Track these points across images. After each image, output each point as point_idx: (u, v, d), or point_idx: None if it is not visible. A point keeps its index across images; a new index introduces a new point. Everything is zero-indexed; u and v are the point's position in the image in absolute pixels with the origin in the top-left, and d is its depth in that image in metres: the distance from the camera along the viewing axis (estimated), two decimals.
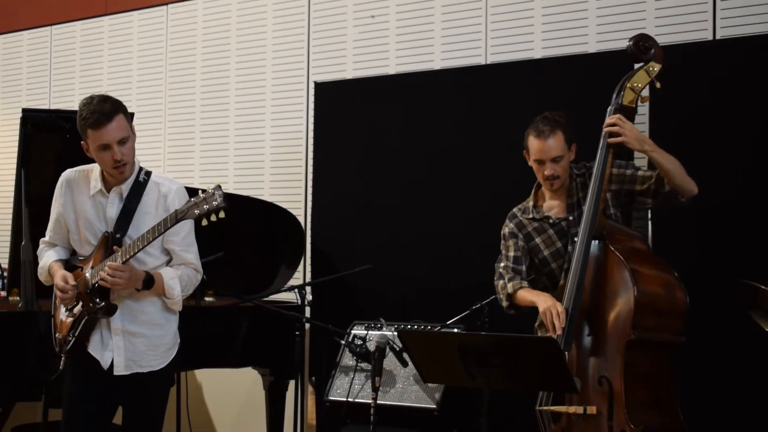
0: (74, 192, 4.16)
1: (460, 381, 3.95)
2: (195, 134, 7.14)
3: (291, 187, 6.60)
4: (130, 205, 4.07)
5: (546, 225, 4.40)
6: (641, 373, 3.92)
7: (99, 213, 4.09)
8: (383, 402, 4.84)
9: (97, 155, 4.01)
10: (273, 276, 6.03)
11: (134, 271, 3.95)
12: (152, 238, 3.85)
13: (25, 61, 8.17)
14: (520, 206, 4.54)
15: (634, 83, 4.21)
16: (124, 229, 4.03)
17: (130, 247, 3.89)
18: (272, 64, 6.80)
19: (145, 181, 4.12)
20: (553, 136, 4.27)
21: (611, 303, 4.00)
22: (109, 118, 3.94)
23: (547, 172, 4.30)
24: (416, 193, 5.73)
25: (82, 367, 4.08)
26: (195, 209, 3.74)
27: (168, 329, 4.16)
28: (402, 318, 5.37)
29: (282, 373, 5.73)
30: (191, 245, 4.19)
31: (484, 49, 5.88)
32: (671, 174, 4.11)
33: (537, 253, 4.41)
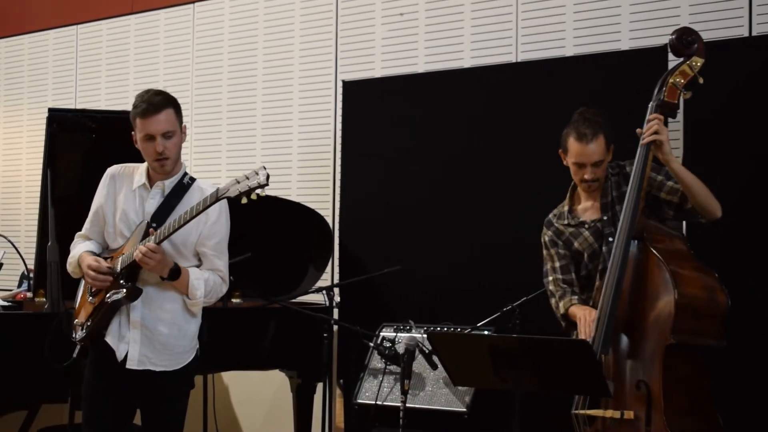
0: (117, 186, 4.19)
1: (490, 384, 3.93)
2: (222, 134, 7.15)
3: (319, 188, 6.59)
4: (171, 202, 4.10)
5: (581, 229, 4.36)
6: (680, 378, 3.86)
7: (138, 207, 4.13)
8: (412, 405, 4.82)
9: (142, 146, 4.07)
10: (301, 277, 6.02)
11: (165, 257, 3.96)
12: (189, 217, 3.87)
13: (51, 60, 8.21)
14: (555, 212, 4.50)
15: (676, 78, 4.13)
16: (160, 222, 4.04)
17: (165, 228, 3.92)
18: (300, 63, 6.80)
19: (189, 184, 4.16)
20: (595, 141, 4.22)
21: (650, 305, 3.94)
22: (158, 109, 4.02)
23: (587, 176, 4.25)
24: (446, 193, 5.72)
25: (100, 362, 4.10)
26: (237, 186, 3.77)
27: (186, 331, 4.16)
28: (431, 320, 5.35)
29: (310, 375, 5.72)
30: (223, 253, 4.20)
31: (514, 46, 5.85)
32: (693, 191, 4.07)
33: (579, 258, 4.37)
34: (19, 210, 8.27)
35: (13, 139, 8.40)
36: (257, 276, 5.49)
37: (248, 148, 7.00)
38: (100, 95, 7.84)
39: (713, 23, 5.18)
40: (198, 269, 4.13)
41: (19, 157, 8.34)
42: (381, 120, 6.02)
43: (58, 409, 5.80)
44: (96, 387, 4.12)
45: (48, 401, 5.21)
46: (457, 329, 5.06)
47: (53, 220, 5.25)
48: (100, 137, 5.48)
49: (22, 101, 8.36)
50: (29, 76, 8.35)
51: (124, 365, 4.04)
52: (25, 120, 8.31)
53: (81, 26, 8.04)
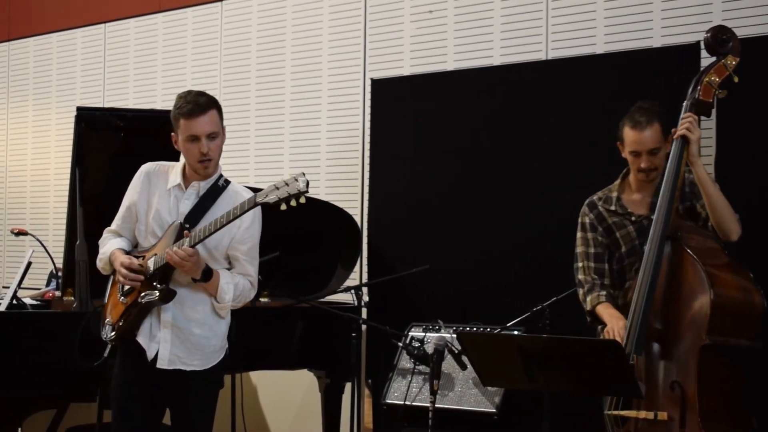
0: (152, 184, 4.19)
1: (520, 384, 3.92)
2: (250, 132, 7.16)
3: (347, 186, 6.60)
4: (205, 203, 4.10)
5: (626, 221, 4.32)
6: (715, 380, 3.84)
7: (172, 207, 4.13)
8: (441, 405, 4.82)
9: (184, 147, 4.06)
10: (329, 276, 6.03)
11: (199, 258, 3.96)
12: (226, 221, 3.86)
13: (79, 59, 8.25)
14: (600, 194, 4.45)
15: (711, 77, 4.10)
16: (194, 224, 4.04)
17: (201, 231, 3.91)
18: (328, 61, 6.81)
19: (224, 186, 4.16)
20: (650, 128, 4.19)
21: (685, 306, 3.91)
22: (204, 110, 4.02)
23: (643, 164, 4.21)
24: (476, 192, 5.71)
25: (130, 362, 4.12)
26: (275, 193, 3.75)
27: (217, 331, 4.16)
28: (460, 320, 5.35)
29: (338, 375, 5.72)
30: (255, 258, 4.20)
31: (545, 44, 5.84)
32: (713, 203, 4.05)
33: (615, 249, 4.34)
34: (48, 209, 8.32)
35: (41, 138, 8.45)
36: (285, 275, 5.49)
37: (276, 147, 7.01)
38: (128, 94, 7.88)
39: (746, 20, 5.14)
40: (228, 273, 4.13)
41: (47, 156, 8.39)
42: (410, 118, 6.01)
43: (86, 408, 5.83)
44: (126, 387, 4.13)
45: (76, 400, 5.23)
46: (487, 329, 5.05)
47: (81, 218, 5.26)
48: (128, 136, 5.49)
49: (51, 100, 8.41)
50: (58, 75, 8.40)
51: (154, 365, 4.05)
52: (54, 119, 8.36)
53: (109, 25, 8.08)
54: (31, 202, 8.49)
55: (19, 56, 8.69)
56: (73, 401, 5.25)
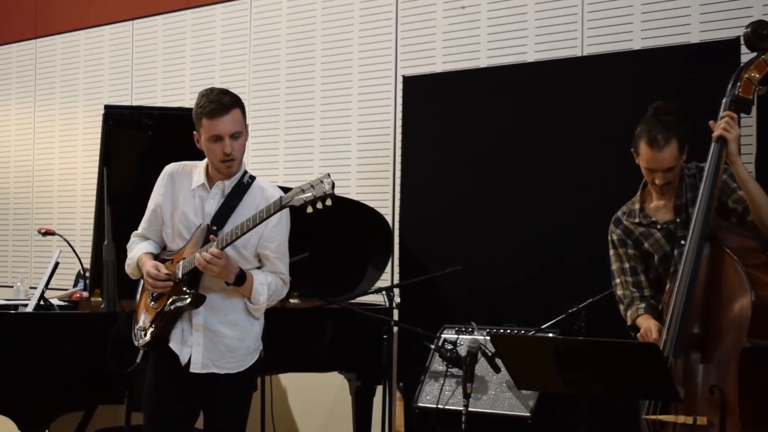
0: (176, 185, 4.19)
1: (555, 387, 3.90)
2: (279, 131, 7.18)
3: (378, 185, 6.60)
4: (231, 202, 4.10)
5: (653, 229, 4.28)
6: (756, 384, 3.79)
7: (197, 207, 4.13)
8: (475, 409, 4.81)
9: (207, 146, 4.06)
10: (360, 277, 6.02)
11: (230, 261, 3.97)
12: (252, 225, 3.86)
13: (107, 56, 8.29)
14: (624, 209, 4.41)
15: (751, 73, 4.04)
16: (221, 224, 4.05)
17: (227, 235, 3.91)
18: (359, 58, 6.81)
19: (249, 183, 4.16)
20: (667, 147, 4.09)
21: (725, 308, 3.86)
22: (227, 109, 4.01)
23: (658, 181, 4.16)
24: (510, 191, 5.69)
25: (163, 366, 4.13)
26: (301, 195, 3.75)
27: (250, 333, 4.17)
28: (494, 321, 5.33)
29: (369, 378, 5.72)
30: (284, 255, 4.21)
31: (580, 40, 5.82)
32: (755, 200, 3.99)
33: (648, 259, 4.32)
34: (75, 208, 8.36)
35: (68, 137, 8.50)
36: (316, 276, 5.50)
37: (306, 145, 7.02)
38: (156, 92, 7.91)
39: None
40: (261, 273, 4.13)
41: (74, 155, 8.44)
42: (442, 116, 6.01)
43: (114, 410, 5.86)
44: (159, 391, 4.14)
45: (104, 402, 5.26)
46: (521, 331, 5.03)
47: (109, 218, 5.28)
48: (156, 135, 5.51)
49: (78, 98, 8.45)
50: (85, 73, 8.44)
51: (188, 369, 4.07)
52: (81, 117, 8.40)
53: (137, 22, 8.12)
54: (58, 201, 8.55)
55: (47, 54, 8.74)
56: (101, 403, 5.28)
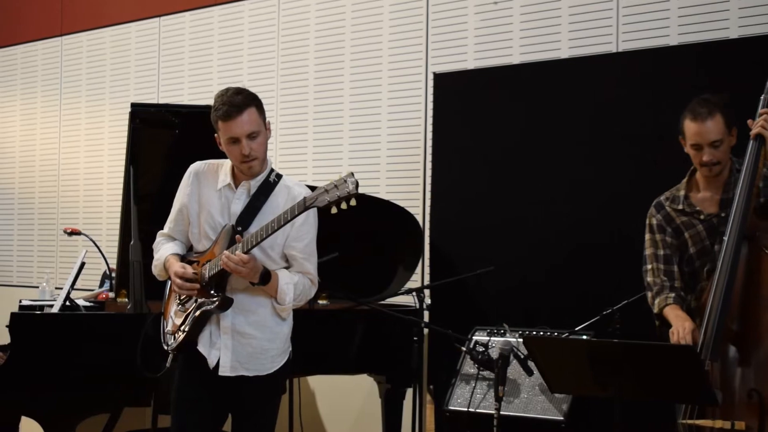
0: (201, 184, 4.21)
1: (589, 391, 3.91)
2: (308, 128, 7.20)
3: (408, 184, 6.61)
4: (257, 202, 4.11)
5: (695, 220, 4.26)
6: None
7: (223, 207, 4.14)
8: (507, 413, 4.81)
9: (227, 148, 4.07)
10: (390, 278, 6.04)
11: (255, 262, 3.97)
12: (277, 227, 3.86)
13: (133, 53, 8.34)
14: (667, 194, 4.38)
15: None
16: (247, 225, 4.07)
17: (252, 237, 3.92)
18: (389, 55, 6.82)
19: (275, 182, 4.16)
20: (711, 119, 4.11)
21: (764, 309, 3.85)
22: (240, 110, 4.00)
23: (705, 157, 4.15)
24: (542, 190, 5.68)
25: (191, 368, 4.15)
26: (325, 196, 3.74)
27: (279, 334, 4.18)
28: (526, 323, 5.33)
29: (399, 380, 5.72)
30: (312, 255, 4.21)
31: (615, 35, 5.80)
32: None
33: (685, 250, 4.29)
34: (101, 208, 8.42)
35: (95, 136, 8.55)
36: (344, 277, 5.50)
37: (335, 144, 7.03)
38: (183, 89, 7.95)
39: None
40: (287, 272, 4.14)
41: (100, 154, 8.49)
42: (474, 113, 6.00)
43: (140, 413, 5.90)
44: (187, 393, 4.16)
45: (131, 404, 5.29)
46: (554, 333, 5.02)
47: (136, 218, 5.31)
48: (183, 133, 5.54)
49: (104, 96, 8.50)
50: (111, 71, 8.49)
51: (216, 372, 4.08)
52: (107, 115, 8.45)
53: (163, 18, 8.16)
54: (84, 201, 8.60)
55: (72, 52, 8.80)
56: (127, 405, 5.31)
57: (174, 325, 4.19)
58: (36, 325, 5.09)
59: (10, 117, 9.27)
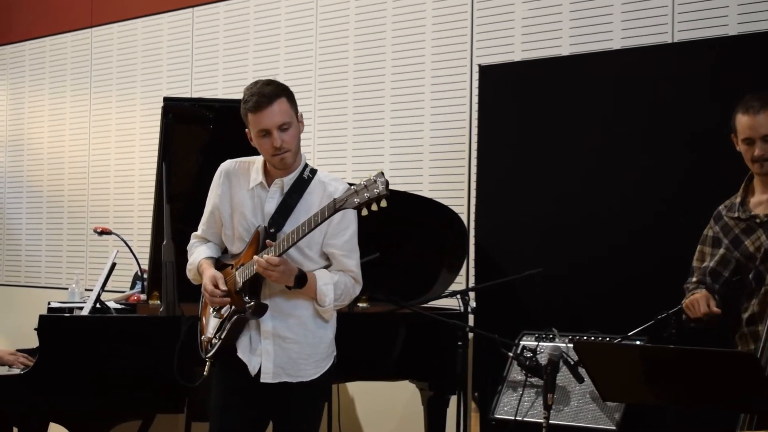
0: (233, 184, 4.22)
1: (643, 399, 3.89)
2: (347, 124, 7.21)
3: (452, 182, 6.60)
4: (290, 200, 4.11)
5: (753, 224, 4.24)
6: None
7: (256, 207, 4.15)
8: (556, 422, 4.79)
9: (258, 142, 4.08)
10: (433, 280, 6.03)
11: (288, 265, 3.98)
12: (308, 230, 3.86)
13: (165, 46, 8.38)
14: (726, 203, 4.37)
15: None
16: (280, 225, 4.07)
17: (284, 241, 3.92)
18: (432, 46, 6.81)
19: (309, 178, 4.16)
20: (763, 112, 4.10)
21: None
22: (270, 101, 4.01)
23: (756, 152, 4.13)
24: (593, 188, 5.66)
25: (230, 374, 4.16)
26: (355, 197, 3.73)
27: (322, 337, 4.19)
28: (577, 328, 5.31)
29: (442, 387, 5.71)
30: (353, 251, 4.20)
31: (671, 25, 5.77)
32: None
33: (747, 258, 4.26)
34: (132, 206, 8.47)
35: (126, 131, 8.60)
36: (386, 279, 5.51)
37: (376, 139, 7.04)
38: (217, 83, 7.98)
39: None
40: (327, 272, 4.14)
41: (131, 150, 8.54)
42: (521, 107, 5.99)
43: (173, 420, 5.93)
44: (226, 400, 4.17)
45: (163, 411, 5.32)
46: (606, 338, 5.00)
47: (168, 217, 5.33)
48: (217, 128, 5.56)
49: (135, 90, 8.55)
50: (143, 64, 8.54)
51: (257, 379, 4.09)
52: (139, 110, 8.51)
53: (197, 9, 8.19)
54: (114, 199, 8.66)
55: (103, 44, 8.86)
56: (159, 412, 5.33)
57: (210, 332, 4.20)
58: (65, 328, 5.13)
59: (39, 112, 9.35)
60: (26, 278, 9.38)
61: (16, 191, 9.52)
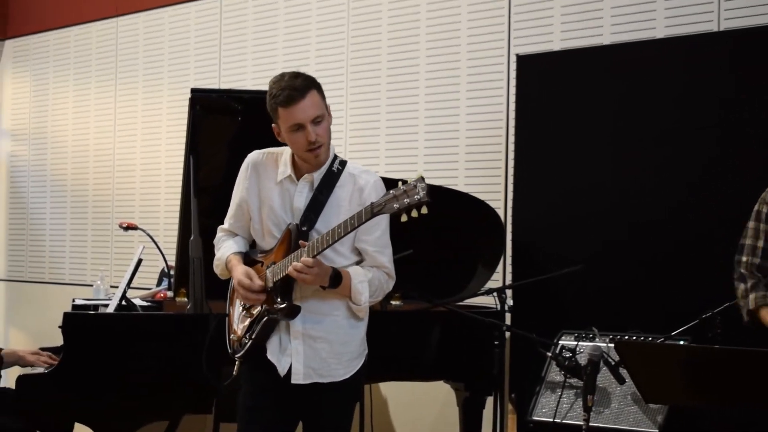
0: (260, 176, 4.21)
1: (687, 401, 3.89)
2: (380, 116, 7.21)
3: (489, 175, 6.59)
4: (321, 196, 4.09)
5: None
6: None
7: (285, 202, 4.14)
8: (596, 424, 4.78)
9: (289, 137, 4.06)
10: (468, 277, 6.02)
11: (322, 266, 3.96)
12: (344, 233, 3.84)
13: (192, 35, 8.40)
14: None
15: None
16: (312, 222, 4.06)
17: (318, 242, 3.90)
18: (468, 36, 6.80)
19: (339, 171, 4.14)
20: None
21: None
22: (302, 93, 3.99)
23: None
24: (636, 182, 5.64)
25: (259, 375, 4.15)
26: (394, 203, 3.70)
27: (354, 336, 4.18)
28: (617, 327, 5.29)
29: (478, 388, 5.72)
30: (386, 246, 4.19)
31: (716, 13, 5.74)
32: None
33: None
34: (159, 201, 8.50)
35: (152, 123, 8.64)
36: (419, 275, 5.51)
37: (410, 132, 7.03)
38: (246, 74, 7.99)
39: None
40: (360, 269, 4.13)
41: (158, 143, 8.57)
42: (560, 99, 5.97)
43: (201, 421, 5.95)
44: (255, 401, 4.17)
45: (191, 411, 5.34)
46: (648, 338, 4.99)
47: (196, 211, 5.34)
48: (246, 120, 5.57)
49: (162, 81, 8.58)
50: (170, 54, 8.56)
51: (287, 380, 4.08)
52: (165, 102, 8.54)
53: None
54: (140, 193, 8.69)
55: (129, 34, 8.89)
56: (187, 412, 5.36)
57: (239, 331, 4.20)
58: (90, 326, 5.16)
59: (63, 104, 9.40)
60: (50, 275, 9.44)
61: (40, 185, 9.57)
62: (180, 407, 5.25)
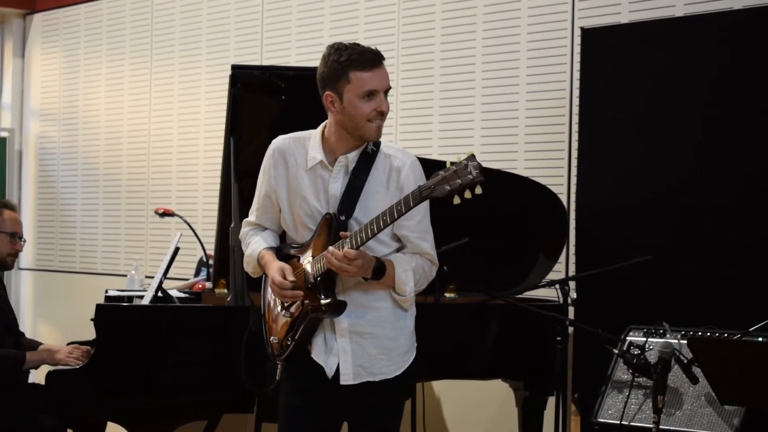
0: (288, 163, 4.16)
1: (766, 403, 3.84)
2: (434, 95, 7.20)
3: (551, 159, 6.58)
4: (357, 180, 4.05)
5: None
6: None
7: (318, 190, 4.10)
8: (667, 427, 4.75)
9: (354, 104, 3.98)
10: (529, 268, 6.03)
11: (366, 257, 3.94)
12: (390, 221, 3.81)
13: (233, 7, 8.42)
14: None
15: None
16: (350, 210, 4.03)
17: (361, 232, 3.88)
18: (528, 7, 6.78)
19: (374, 152, 4.10)
20: None
21: None
22: (381, 60, 4.02)
23: None
24: (712, 167, 5.59)
25: (302, 374, 4.14)
26: (444, 184, 3.66)
27: (403, 329, 4.16)
28: (690, 322, 5.25)
29: (539, 387, 5.72)
30: (427, 232, 4.16)
31: None
32: None
33: None
34: (197, 185, 8.54)
35: (189, 102, 8.67)
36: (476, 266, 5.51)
37: (465, 111, 7.02)
38: (290, 49, 8.01)
39: None
40: (403, 256, 4.10)
41: (196, 123, 8.61)
42: (629, 75, 5.93)
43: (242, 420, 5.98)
44: (299, 401, 4.15)
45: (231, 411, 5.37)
46: (724, 334, 4.95)
47: (237, 197, 5.36)
48: (290, 99, 5.58)
49: (200, 58, 8.62)
50: (208, 28, 8.58)
51: (337, 380, 4.06)
52: (204, 79, 8.57)
53: None
54: (177, 177, 8.74)
55: (165, 6, 8.93)
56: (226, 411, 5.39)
57: (280, 332, 4.17)
58: (124, 319, 5.21)
59: (95, 82, 9.46)
60: (81, 264, 9.52)
61: (71, 169, 9.65)
62: (219, 406, 5.29)
